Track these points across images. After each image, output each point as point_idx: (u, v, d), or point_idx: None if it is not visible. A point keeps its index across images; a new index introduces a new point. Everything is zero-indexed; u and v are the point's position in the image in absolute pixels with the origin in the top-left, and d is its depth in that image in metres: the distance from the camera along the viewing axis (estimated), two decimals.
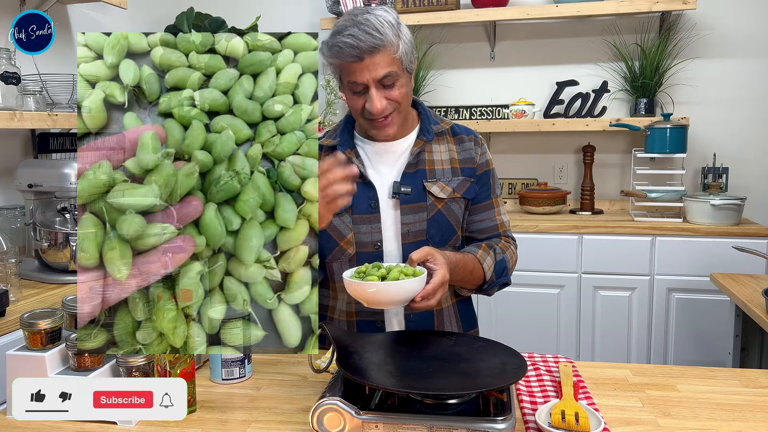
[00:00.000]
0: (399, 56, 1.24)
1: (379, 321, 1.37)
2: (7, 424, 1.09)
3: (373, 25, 1.20)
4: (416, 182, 1.34)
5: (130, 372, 1.15)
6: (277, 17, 3.33)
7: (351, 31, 1.20)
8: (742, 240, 2.56)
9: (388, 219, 1.34)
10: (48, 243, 1.94)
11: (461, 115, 3.26)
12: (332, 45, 1.23)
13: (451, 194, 1.36)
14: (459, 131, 1.42)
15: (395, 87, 1.26)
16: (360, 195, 1.32)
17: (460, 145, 1.40)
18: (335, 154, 1.28)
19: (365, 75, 1.22)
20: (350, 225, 1.34)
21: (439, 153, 1.38)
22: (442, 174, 1.36)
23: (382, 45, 1.20)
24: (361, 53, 1.20)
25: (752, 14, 2.96)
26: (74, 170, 1.98)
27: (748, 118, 3.02)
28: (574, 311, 2.76)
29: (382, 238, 1.34)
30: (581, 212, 3.04)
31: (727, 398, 1.17)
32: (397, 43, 1.23)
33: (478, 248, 1.36)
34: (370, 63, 1.21)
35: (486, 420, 0.96)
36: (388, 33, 1.21)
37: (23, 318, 1.15)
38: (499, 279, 1.38)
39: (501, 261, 1.38)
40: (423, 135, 1.37)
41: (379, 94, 1.24)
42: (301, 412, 1.13)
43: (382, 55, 1.21)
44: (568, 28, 3.16)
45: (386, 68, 1.22)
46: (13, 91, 1.98)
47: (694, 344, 2.68)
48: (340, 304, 1.40)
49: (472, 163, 1.39)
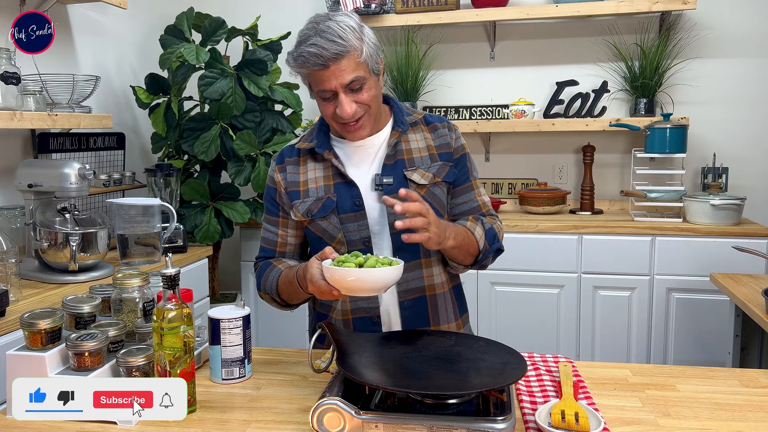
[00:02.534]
0: (364, 60, 1.26)
1: (375, 316, 1.38)
2: (7, 424, 1.09)
3: (335, 32, 1.22)
4: (397, 172, 1.36)
5: (130, 372, 1.15)
6: (277, 17, 3.33)
7: (314, 40, 1.22)
8: (742, 240, 2.56)
9: (374, 213, 1.36)
10: (48, 243, 1.93)
11: (461, 115, 3.26)
12: (297, 56, 1.25)
13: (431, 180, 1.37)
14: (432, 120, 1.45)
15: (363, 90, 1.27)
16: (343, 194, 1.35)
17: (435, 133, 1.43)
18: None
19: (332, 82, 1.24)
20: (338, 225, 1.35)
21: (415, 141, 1.40)
22: (421, 162, 1.38)
23: (346, 51, 1.22)
24: (325, 61, 1.22)
25: (752, 14, 2.96)
26: (74, 170, 1.98)
27: (748, 118, 3.02)
28: (574, 311, 2.76)
29: (370, 233, 1.36)
30: (581, 212, 3.04)
31: (727, 398, 1.17)
32: (361, 47, 1.25)
33: (465, 221, 1.38)
34: (335, 70, 1.23)
35: (486, 420, 0.97)
36: (351, 38, 1.23)
37: (23, 318, 1.16)
38: (492, 246, 1.39)
39: (490, 229, 1.40)
40: (398, 126, 1.39)
41: (348, 99, 1.26)
42: (301, 412, 1.13)
43: (347, 60, 1.23)
44: (568, 28, 3.16)
45: (352, 73, 1.24)
46: (13, 91, 1.98)
47: (694, 344, 2.68)
48: (338, 304, 1.40)
49: (447, 148, 1.42)
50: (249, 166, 2.67)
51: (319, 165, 1.39)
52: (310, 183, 1.39)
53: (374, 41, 1.30)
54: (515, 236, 2.74)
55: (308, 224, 1.39)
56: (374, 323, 1.38)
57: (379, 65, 1.32)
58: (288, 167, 1.42)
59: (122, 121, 2.94)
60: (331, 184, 1.37)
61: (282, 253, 1.45)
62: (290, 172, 1.41)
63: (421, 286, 1.39)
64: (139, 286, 1.28)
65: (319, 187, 1.37)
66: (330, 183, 1.37)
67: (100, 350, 1.15)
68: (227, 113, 2.58)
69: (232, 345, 1.26)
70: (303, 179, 1.40)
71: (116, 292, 1.29)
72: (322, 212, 1.35)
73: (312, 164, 1.40)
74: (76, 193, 2.00)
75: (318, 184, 1.38)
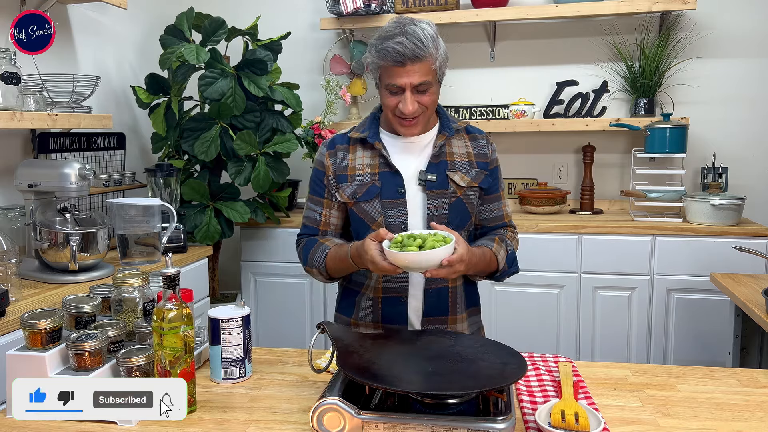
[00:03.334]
0: (435, 67, 1.39)
1: (403, 296, 1.48)
2: (7, 424, 1.09)
3: (419, 37, 1.34)
4: (440, 171, 1.48)
5: (130, 372, 1.15)
6: (277, 17, 3.33)
7: (399, 39, 1.34)
8: (742, 240, 2.56)
9: (414, 204, 1.47)
10: (48, 243, 1.93)
11: (461, 115, 3.26)
12: (381, 48, 1.36)
13: (469, 183, 1.50)
14: (472, 131, 1.58)
15: (427, 93, 1.40)
16: (388, 182, 1.47)
17: (474, 143, 1.55)
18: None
19: (404, 79, 1.36)
20: (380, 209, 1.46)
21: (458, 147, 1.53)
22: (461, 165, 1.51)
23: (424, 56, 1.35)
24: (404, 60, 1.34)
25: (752, 14, 2.96)
26: (74, 170, 1.98)
27: (747, 118, 3.02)
28: (574, 311, 2.76)
29: (408, 221, 1.46)
30: (581, 212, 3.04)
31: (727, 398, 1.17)
32: (436, 56, 1.38)
33: (492, 242, 1.50)
34: (410, 70, 1.36)
35: (486, 420, 0.97)
36: (430, 46, 1.36)
37: (23, 318, 1.16)
38: (510, 269, 1.54)
39: (512, 253, 1.54)
40: (445, 131, 1.51)
41: (413, 98, 1.39)
42: (301, 412, 1.13)
43: (422, 64, 1.36)
44: (568, 28, 3.16)
45: (423, 77, 1.37)
46: (13, 91, 1.98)
47: (694, 344, 2.68)
48: (373, 282, 1.50)
49: (484, 158, 1.54)
50: (249, 166, 2.67)
51: (368, 153, 1.50)
52: (357, 169, 1.49)
53: (446, 52, 1.42)
54: None
55: (352, 206, 1.49)
56: (401, 303, 1.48)
57: (444, 74, 1.44)
58: (339, 153, 1.52)
59: (122, 121, 2.94)
60: (377, 172, 1.48)
61: (324, 232, 1.54)
62: (340, 157, 1.51)
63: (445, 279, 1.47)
64: (139, 286, 1.28)
65: (366, 173, 1.48)
66: (376, 171, 1.48)
67: (100, 350, 1.15)
68: (227, 113, 2.58)
69: (232, 345, 1.26)
70: (351, 165, 1.50)
71: (116, 292, 1.29)
72: (366, 196, 1.46)
73: (361, 152, 1.51)
74: (76, 193, 2.00)
75: (365, 171, 1.49)
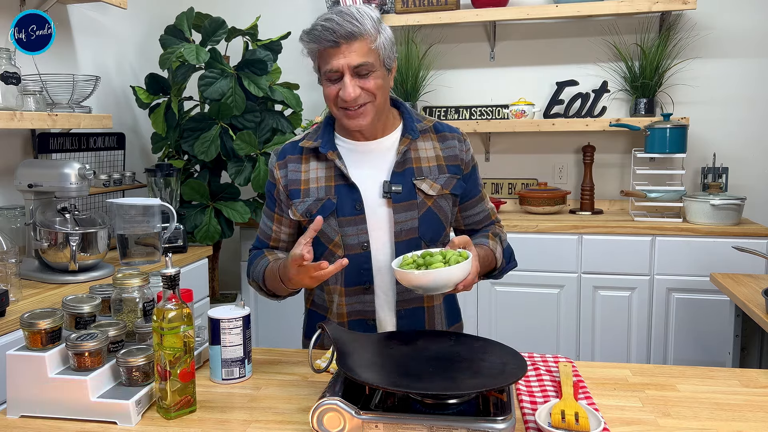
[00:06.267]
0: (376, 48, 1.26)
1: (370, 319, 1.38)
2: (7, 424, 1.09)
3: (353, 14, 1.24)
4: (406, 180, 1.34)
5: (130, 372, 1.15)
6: (277, 17, 3.34)
7: (330, 17, 1.24)
8: (742, 240, 2.56)
9: (378, 219, 1.34)
10: (48, 243, 1.93)
11: (461, 115, 3.26)
12: (311, 30, 1.27)
13: (440, 191, 1.36)
14: (442, 129, 1.43)
15: (370, 77, 1.27)
16: (344, 197, 1.33)
17: (444, 143, 1.41)
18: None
19: (340, 60, 1.24)
20: (336, 228, 1.34)
21: (424, 150, 1.38)
22: (429, 172, 1.37)
23: (360, 33, 1.24)
24: (338, 38, 1.23)
25: (752, 14, 2.97)
26: (74, 170, 1.98)
27: (747, 118, 3.02)
28: (574, 311, 2.76)
29: (369, 238, 1.34)
30: (581, 212, 3.04)
31: (727, 398, 1.17)
32: (375, 35, 1.26)
33: (486, 238, 1.41)
34: (346, 50, 1.24)
35: (486, 420, 0.96)
36: (367, 23, 1.25)
37: (23, 318, 1.15)
38: (509, 264, 1.46)
39: (507, 247, 1.46)
40: (408, 133, 1.37)
41: (353, 82, 1.26)
42: (301, 412, 1.13)
43: (359, 43, 1.24)
44: (568, 28, 3.16)
45: (362, 57, 1.25)
46: (13, 91, 1.98)
47: (694, 344, 2.68)
48: (334, 306, 1.40)
49: (456, 161, 1.40)
50: (249, 166, 2.67)
51: (322, 165, 1.37)
52: (311, 182, 1.36)
53: (391, 38, 1.31)
54: (515, 236, 2.74)
55: (306, 224, 1.37)
56: (369, 326, 1.38)
57: (392, 62, 1.32)
58: (289, 165, 1.39)
59: (122, 121, 2.94)
60: (333, 186, 1.35)
61: (275, 247, 1.46)
62: (291, 169, 1.39)
63: (420, 297, 1.39)
64: (139, 286, 1.28)
65: (320, 187, 1.35)
66: (332, 184, 1.35)
67: (100, 350, 1.15)
68: (227, 113, 2.58)
69: (232, 345, 1.26)
70: (305, 178, 1.37)
71: (116, 292, 1.29)
72: (320, 213, 1.32)
73: (315, 163, 1.38)
74: (76, 193, 2.00)
75: (319, 185, 1.35)
